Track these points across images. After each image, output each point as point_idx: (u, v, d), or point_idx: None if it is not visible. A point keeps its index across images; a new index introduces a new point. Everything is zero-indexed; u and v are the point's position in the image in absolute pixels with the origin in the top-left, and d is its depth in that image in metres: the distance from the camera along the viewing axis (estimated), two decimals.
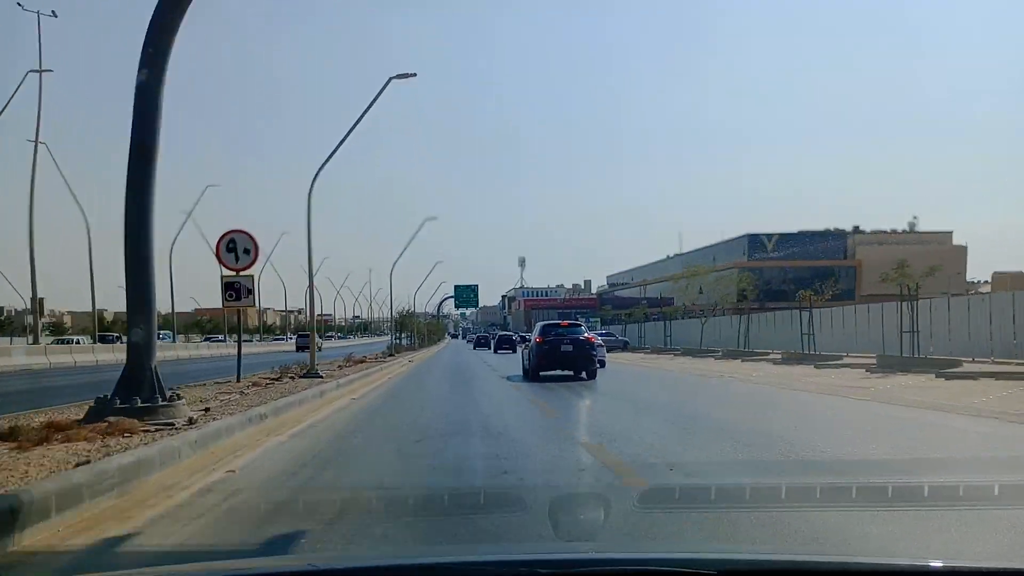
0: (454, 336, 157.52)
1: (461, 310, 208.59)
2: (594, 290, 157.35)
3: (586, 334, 21.69)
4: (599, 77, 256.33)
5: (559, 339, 20.65)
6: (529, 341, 23.03)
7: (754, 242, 71.29)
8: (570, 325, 22.03)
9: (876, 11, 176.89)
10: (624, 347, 49.51)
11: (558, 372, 20.88)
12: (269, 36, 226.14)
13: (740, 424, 10.73)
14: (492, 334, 79.71)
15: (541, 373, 20.72)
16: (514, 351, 48.71)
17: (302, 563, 2.84)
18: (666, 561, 2.12)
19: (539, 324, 22.63)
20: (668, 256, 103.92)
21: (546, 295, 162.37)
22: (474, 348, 65.98)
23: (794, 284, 57.38)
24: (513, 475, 6.71)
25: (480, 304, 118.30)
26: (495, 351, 52.16)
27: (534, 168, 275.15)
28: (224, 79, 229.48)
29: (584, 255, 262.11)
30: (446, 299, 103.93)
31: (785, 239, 70.79)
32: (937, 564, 2.08)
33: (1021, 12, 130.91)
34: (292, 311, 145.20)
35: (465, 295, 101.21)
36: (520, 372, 23.08)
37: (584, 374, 20.47)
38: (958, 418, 11.04)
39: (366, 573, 2.26)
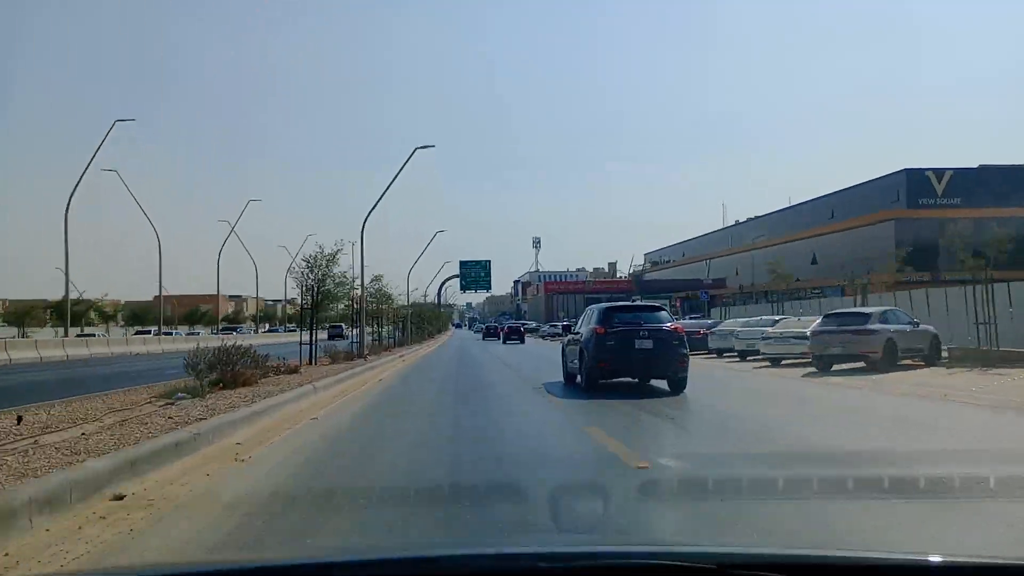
0: (458, 326, 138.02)
1: (468, 301, 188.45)
2: (620, 273, 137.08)
3: (670, 323, 14.65)
4: (612, 56, 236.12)
5: (632, 329, 13.99)
6: (577, 332, 15.69)
7: (916, 182, 48.10)
8: (647, 308, 15.67)
9: None
10: (937, 352, 19.62)
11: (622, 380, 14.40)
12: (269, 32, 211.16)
13: None
14: (501, 324, 72.40)
15: (602, 381, 14.13)
16: (522, 341, 51.38)
17: (298, 558, 2.65)
18: (666, 554, 2.03)
19: (595, 308, 15.37)
20: (737, 222, 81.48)
21: (566, 280, 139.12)
22: (483, 339, 63.43)
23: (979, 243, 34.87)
24: None
25: (489, 290, 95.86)
26: (504, 341, 52.37)
27: (542, 149, 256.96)
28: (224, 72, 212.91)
29: (604, 237, 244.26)
30: (449, 279, 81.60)
31: (962, 177, 47.77)
32: (936, 559, 2.00)
33: None
34: (280, 300, 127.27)
35: (473, 274, 79.19)
36: (560, 378, 16.35)
37: (667, 384, 13.85)
38: None
39: (366, 567, 2.17)
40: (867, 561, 2.10)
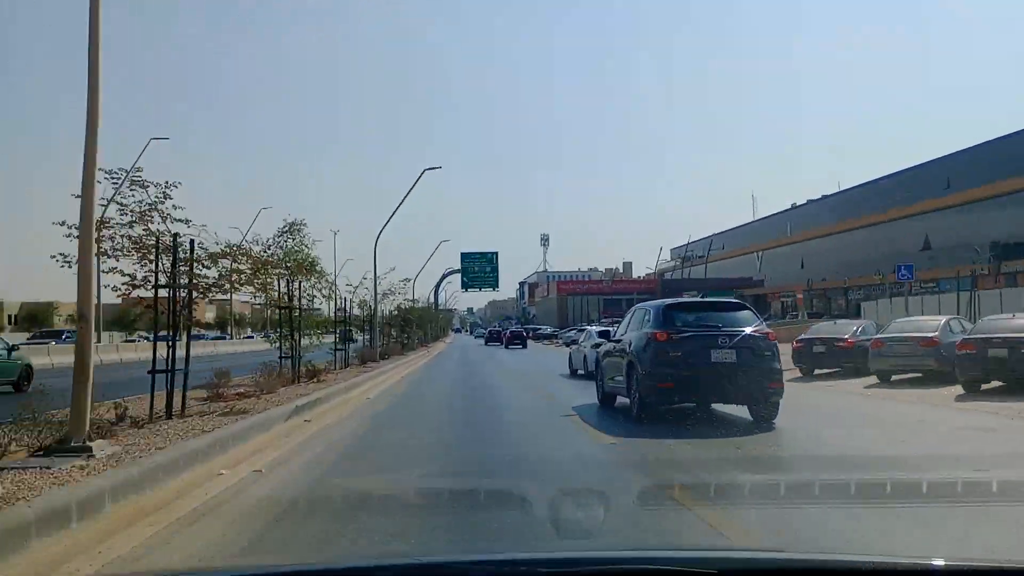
0: (458, 331, 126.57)
1: (469, 306, 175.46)
2: (635, 274, 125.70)
3: (757, 325, 10.81)
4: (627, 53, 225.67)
5: (708, 335, 10.48)
6: (619, 340, 12.23)
7: None
8: (724, 306, 11.94)
9: None
10: None
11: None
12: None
13: None
14: (504, 330, 68.42)
15: (663, 407, 10.94)
16: (524, 346, 53.66)
17: (298, 565, 2.72)
18: (668, 560, 2.02)
19: (650, 306, 11.69)
20: (794, 205, 69.09)
21: (577, 280, 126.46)
22: (486, 344, 63.10)
23: None
24: None
25: (496, 288, 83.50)
26: (506, 346, 53.44)
27: (546, 145, 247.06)
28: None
29: (614, 235, 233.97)
30: (449, 275, 69.13)
31: None
32: (939, 563, 1.95)
33: None
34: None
35: (477, 268, 66.88)
36: (592, 399, 13.49)
37: (749, 411, 10.57)
38: None
39: (366, 574, 2.17)
40: (870, 565, 2.02)
